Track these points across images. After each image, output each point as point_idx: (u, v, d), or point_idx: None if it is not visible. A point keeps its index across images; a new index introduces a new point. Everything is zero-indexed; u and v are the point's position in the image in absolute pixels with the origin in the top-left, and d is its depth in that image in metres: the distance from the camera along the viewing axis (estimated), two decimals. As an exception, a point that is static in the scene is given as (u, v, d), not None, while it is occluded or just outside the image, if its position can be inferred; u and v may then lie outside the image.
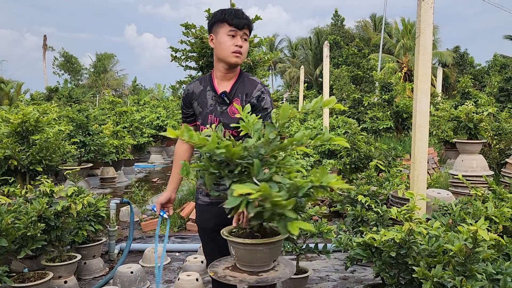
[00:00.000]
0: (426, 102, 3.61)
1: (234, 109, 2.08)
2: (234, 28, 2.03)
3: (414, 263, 2.22)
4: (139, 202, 5.71)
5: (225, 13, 2.06)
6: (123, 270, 3.39)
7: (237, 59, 2.04)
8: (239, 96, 2.11)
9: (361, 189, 3.78)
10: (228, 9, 2.09)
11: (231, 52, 2.03)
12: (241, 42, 2.05)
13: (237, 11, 2.07)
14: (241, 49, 2.04)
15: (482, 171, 4.54)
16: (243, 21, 2.03)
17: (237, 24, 2.03)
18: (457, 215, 2.83)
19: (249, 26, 2.07)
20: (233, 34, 2.04)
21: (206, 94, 2.15)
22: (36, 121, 3.88)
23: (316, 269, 3.72)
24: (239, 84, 2.13)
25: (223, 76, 2.13)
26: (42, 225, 2.98)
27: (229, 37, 2.04)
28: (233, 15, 2.04)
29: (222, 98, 2.09)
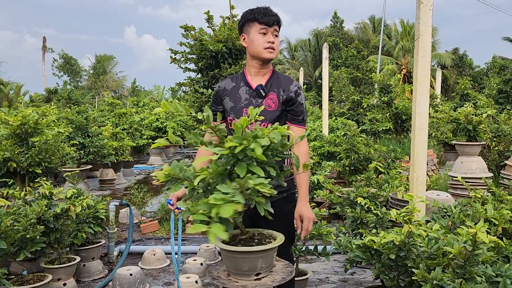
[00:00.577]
0: (425, 104, 3.61)
1: (269, 102, 2.15)
2: (264, 26, 2.11)
3: (413, 266, 2.22)
4: (138, 204, 5.70)
5: (255, 12, 2.14)
6: (122, 272, 3.38)
7: (271, 54, 2.13)
8: (274, 90, 2.18)
9: (361, 191, 3.78)
10: (257, 8, 2.16)
11: (264, 48, 2.11)
12: (273, 38, 2.13)
13: (266, 9, 2.14)
14: (273, 45, 2.12)
15: (481, 173, 4.54)
16: (273, 18, 2.12)
17: (267, 21, 2.11)
18: (456, 217, 2.83)
19: (278, 22, 2.15)
20: (264, 31, 2.11)
21: (239, 89, 2.21)
22: (35, 123, 3.88)
23: (316, 271, 3.71)
24: (274, 79, 2.21)
25: (257, 72, 2.20)
26: (41, 227, 2.97)
27: (260, 35, 2.12)
28: (262, 13, 2.12)
29: (258, 91, 2.16)
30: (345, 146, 5.26)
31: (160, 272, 3.82)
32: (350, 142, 5.18)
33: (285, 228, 2.20)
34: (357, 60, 11.26)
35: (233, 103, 2.18)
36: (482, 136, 4.67)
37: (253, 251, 1.47)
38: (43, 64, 35.16)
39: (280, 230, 1.77)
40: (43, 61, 35.31)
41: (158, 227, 5.03)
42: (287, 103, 2.16)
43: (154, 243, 4.59)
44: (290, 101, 2.17)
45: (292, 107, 2.18)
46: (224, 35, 5.31)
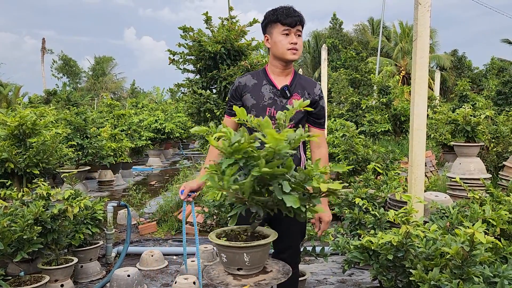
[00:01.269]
0: (423, 105, 3.61)
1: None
2: (287, 27, 2.10)
3: (411, 266, 2.22)
4: (136, 205, 5.70)
5: (278, 14, 2.13)
6: (120, 274, 3.37)
7: (294, 55, 2.12)
8: (298, 92, 2.18)
9: (359, 192, 3.78)
10: (280, 8, 2.14)
11: (287, 49, 2.10)
12: (296, 39, 2.11)
13: (288, 10, 2.12)
14: (296, 46, 2.11)
15: (479, 174, 4.54)
16: (295, 19, 2.10)
17: (290, 22, 2.10)
18: (454, 218, 2.82)
19: (301, 22, 2.13)
20: (287, 32, 2.11)
21: (262, 87, 2.19)
22: (33, 124, 3.87)
23: (314, 272, 3.71)
24: (297, 80, 2.21)
25: (280, 72, 2.20)
26: (39, 228, 2.96)
27: (283, 36, 2.12)
28: (285, 14, 2.11)
29: (284, 91, 2.15)
30: (343, 147, 5.26)
31: (158, 273, 3.81)
32: (348, 143, 5.18)
33: (297, 226, 2.26)
34: (356, 61, 11.28)
35: (255, 101, 2.16)
36: (480, 137, 4.68)
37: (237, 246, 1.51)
38: (42, 65, 35.17)
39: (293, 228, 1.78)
40: (42, 62, 35.33)
41: (156, 228, 5.02)
42: (311, 105, 2.16)
43: (152, 244, 4.58)
44: (314, 104, 2.18)
45: (315, 110, 2.19)
46: (223, 36, 5.31)
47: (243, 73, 5.47)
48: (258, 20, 5.58)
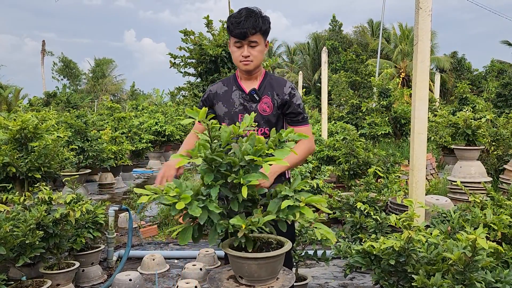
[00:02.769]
0: (424, 109, 3.62)
1: (264, 106, 2.11)
2: (237, 39, 2.02)
3: (413, 271, 2.23)
4: (137, 208, 5.70)
5: (229, 23, 2.04)
6: (122, 278, 3.37)
7: (246, 66, 2.05)
8: (268, 94, 2.13)
9: (360, 195, 3.79)
10: (232, 17, 2.04)
11: (239, 61, 2.05)
12: (247, 51, 2.02)
13: (238, 20, 1.99)
14: (248, 58, 2.02)
15: (480, 178, 4.55)
16: (244, 31, 1.97)
17: (238, 35, 2.00)
18: (456, 222, 2.83)
19: (255, 31, 2.00)
20: (238, 45, 2.03)
21: (232, 94, 2.15)
22: (34, 127, 3.88)
23: (315, 276, 3.71)
24: (267, 82, 2.15)
25: (247, 78, 2.15)
26: (41, 232, 2.96)
27: (235, 48, 2.05)
28: (234, 25, 2.00)
29: (252, 96, 2.11)
30: (344, 151, 5.27)
31: (159, 277, 3.81)
32: (349, 146, 5.19)
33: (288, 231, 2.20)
34: (356, 64, 11.30)
35: (226, 108, 2.13)
36: (481, 140, 4.69)
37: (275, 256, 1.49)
38: (42, 67, 35.23)
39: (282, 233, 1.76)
40: (42, 64, 35.38)
41: (158, 232, 5.02)
42: (283, 107, 2.12)
43: (154, 248, 4.58)
44: (285, 104, 2.12)
45: (289, 109, 2.13)
46: (224, 39, 5.32)
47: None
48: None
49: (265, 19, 2.06)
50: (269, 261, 1.47)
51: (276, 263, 1.50)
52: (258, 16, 2.01)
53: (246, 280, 1.53)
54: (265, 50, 2.15)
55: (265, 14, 2.10)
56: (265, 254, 1.47)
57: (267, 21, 2.07)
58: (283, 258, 1.53)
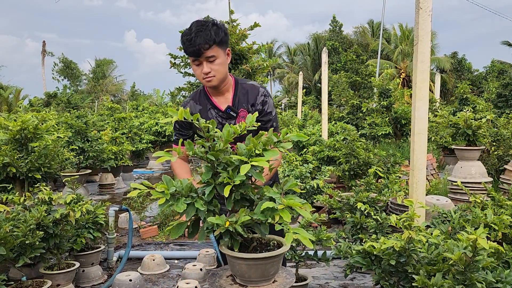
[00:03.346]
0: (424, 109, 3.62)
1: (242, 120, 2.02)
2: (194, 58, 1.93)
3: (413, 272, 2.22)
4: (137, 208, 5.70)
5: (182, 41, 1.93)
6: (122, 278, 3.37)
7: (211, 83, 1.96)
8: (243, 106, 2.05)
9: (360, 196, 3.78)
10: (183, 35, 1.91)
11: (202, 79, 1.96)
12: (207, 68, 1.91)
13: (189, 38, 1.87)
14: (210, 74, 1.93)
15: (481, 178, 4.55)
16: (196, 49, 1.87)
17: (193, 53, 1.91)
18: (456, 223, 2.83)
19: (209, 45, 1.87)
20: (196, 63, 1.95)
21: (208, 113, 2.08)
22: (35, 128, 3.88)
23: (316, 276, 3.70)
24: (239, 94, 2.07)
25: (217, 93, 2.07)
26: (41, 233, 2.96)
27: (195, 66, 1.96)
28: (187, 44, 1.89)
29: (228, 113, 2.04)
30: (344, 151, 5.27)
31: (160, 277, 3.81)
32: (349, 146, 5.19)
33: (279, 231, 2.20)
34: (356, 64, 11.30)
35: None
36: (481, 140, 4.68)
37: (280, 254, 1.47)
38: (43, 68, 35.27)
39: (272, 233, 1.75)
40: (42, 65, 35.43)
41: (158, 232, 5.02)
42: (258, 116, 2.02)
43: (154, 248, 4.58)
44: (260, 113, 2.04)
45: (259, 117, 2.03)
46: (224, 40, 5.33)
47: (244, 76, 5.48)
48: (259, 24, 5.60)
49: (219, 28, 1.93)
50: (258, 263, 1.45)
51: (267, 266, 1.46)
52: (209, 29, 1.89)
53: (240, 280, 1.53)
54: (228, 60, 2.04)
55: (219, 22, 1.98)
56: (252, 255, 1.45)
57: (221, 30, 1.94)
58: (276, 261, 1.49)
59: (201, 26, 1.89)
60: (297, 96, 12.35)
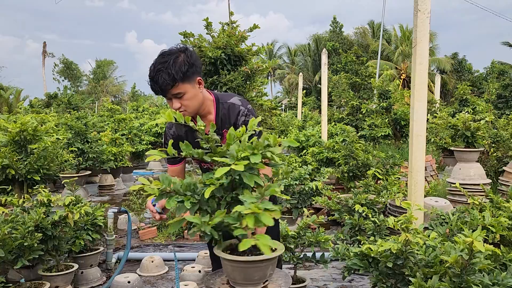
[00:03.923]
0: (423, 111, 3.63)
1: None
2: (161, 95, 1.88)
3: (410, 274, 2.23)
4: (137, 210, 5.70)
5: (148, 78, 1.85)
6: (120, 280, 3.38)
7: (184, 116, 1.79)
8: (226, 127, 1.98)
9: (359, 197, 3.79)
10: (149, 70, 1.83)
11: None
12: (176, 104, 1.83)
13: (151, 76, 1.81)
14: (180, 109, 1.84)
15: (479, 179, 4.55)
16: (158, 89, 1.81)
17: (157, 93, 1.85)
18: (454, 225, 2.83)
19: (172, 85, 1.78)
20: (166, 98, 1.88)
21: (194, 135, 1.98)
22: (34, 130, 3.88)
23: (314, 278, 3.71)
24: (222, 114, 2.01)
25: (200, 116, 1.98)
26: (39, 235, 2.97)
27: (167, 100, 1.89)
28: (151, 83, 1.83)
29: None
30: (343, 152, 5.27)
31: (159, 279, 3.81)
32: (348, 148, 5.19)
33: (275, 233, 2.18)
34: (356, 65, 11.30)
35: None
36: (480, 142, 4.68)
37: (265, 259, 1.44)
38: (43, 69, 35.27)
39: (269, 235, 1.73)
40: (43, 66, 35.42)
41: (157, 234, 5.02)
42: None
43: (153, 250, 4.58)
44: None
45: None
46: (223, 41, 5.33)
47: (244, 78, 5.49)
48: (258, 26, 5.60)
49: (182, 62, 1.80)
50: (240, 265, 1.44)
51: (250, 270, 1.44)
52: (170, 66, 1.77)
53: (230, 280, 1.53)
54: (200, 89, 1.93)
55: (186, 49, 1.85)
56: (233, 257, 1.44)
57: (184, 63, 1.80)
58: (262, 267, 1.46)
59: (162, 63, 1.78)
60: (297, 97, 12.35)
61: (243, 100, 2.07)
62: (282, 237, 3.05)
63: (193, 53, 1.89)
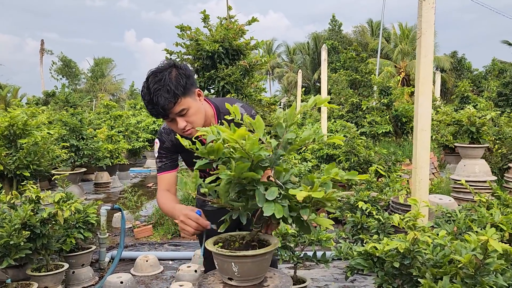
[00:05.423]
0: (427, 105, 3.50)
1: None
2: (162, 117, 1.70)
3: (419, 275, 2.09)
4: (132, 208, 5.56)
5: (144, 103, 1.68)
6: (113, 280, 3.24)
7: (191, 134, 1.70)
8: None
9: (361, 195, 3.66)
10: (143, 93, 1.67)
11: (181, 133, 1.72)
12: (182, 123, 1.67)
13: (149, 100, 1.63)
14: (186, 127, 1.69)
15: (485, 176, 4.41)
16: (160, 111, 1.63)
17: (158, 116, 1.68)
18: (462, 223, 2.70)
19: (174, 104, 1.62)
20: (168, 120, 1.71)
21: None
22: (24, 124, 3.74)
23: (315, 278, 3.57)
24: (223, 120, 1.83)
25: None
26: (27, 233, 2.83)
27: (168, 122, 1.73)
28: (149, 107, 1.66)
29: None
30: (344, 149, 5.13)
31: (153, 279, 3.67)
32: (350, 144, 5.05)
33: None
34: (356, 62, 11.16)
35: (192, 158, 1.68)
36: (485, 138, 4.54)
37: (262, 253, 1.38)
38: (41, 67, 35.09)
39: None
40: (40, 63, 35.24)
41: (152, 232, 4.88)
42: None
43: (148, 249, 4.44)
44: None
45: None
46: (221, 35, 5.18)
47: (242, 73, 5.34)
48: (257, 19, 5.46)
49: (178, 76, 1.64)
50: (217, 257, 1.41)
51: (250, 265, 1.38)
52: (167, 83, 1.61)
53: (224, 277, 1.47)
54: (201, 100, 1.78)
55: (177, 64, 1.70)
56: (215, 248, 1.40)
57: (181, 76, 1.65)
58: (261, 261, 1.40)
59: (158, 82, 1.62)
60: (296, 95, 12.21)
61: (246, 106, 1.91)
62: (282, 235, 2.92)
63: (183, 65, 1.74)
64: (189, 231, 1.57)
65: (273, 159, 1.38)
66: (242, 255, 1.36)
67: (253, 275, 1.42)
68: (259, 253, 1.37)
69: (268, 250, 1.39)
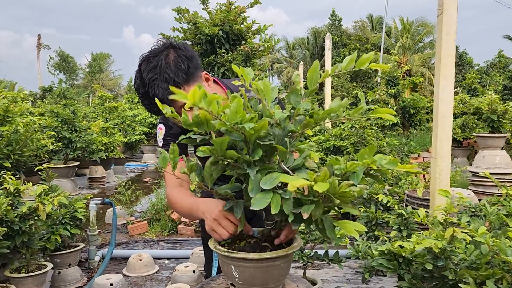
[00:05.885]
0: (450, 89, 3.18)
1: None
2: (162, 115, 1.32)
3: (455, 278, 1.78)
4: (126, 203, 5.24)
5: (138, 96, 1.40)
6: (102, 282, 2.92)
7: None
8: None
9: (376, 187, 3.34)
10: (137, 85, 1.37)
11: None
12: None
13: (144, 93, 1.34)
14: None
15: (506, 168, 4.09)
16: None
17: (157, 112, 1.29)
18: (495, 218, 2.38)
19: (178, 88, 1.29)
20: None
21: None
22: (5, 110, 3.40)
23: (325, 279, 3.25)
24: None
25: None
26: (4, 229, 2.50)
27: None
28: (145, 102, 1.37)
29: None
30: (353, 139, 4.80)
31: (147, 280, 3.35)
32: (359, 134, 4.72)
33: None
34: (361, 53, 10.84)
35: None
36: (506, 127, 4.21)
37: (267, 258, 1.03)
38: (38, 62, 34.65)
39: None
40: (37, 59, 34.80)
41: (147, 229, 4.56)
42: None
43: (142, 247, 4.12)
44: None
45: None
46: (221, 18, 4.84)
47: (243, 59, 5.01)
48: (259, 1, 5.12)
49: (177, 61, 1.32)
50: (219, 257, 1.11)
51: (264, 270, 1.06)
52: (164, 70, 1.30)
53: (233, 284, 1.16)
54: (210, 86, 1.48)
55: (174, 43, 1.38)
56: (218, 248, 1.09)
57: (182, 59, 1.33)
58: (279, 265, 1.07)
59: (153, 69, 1.30)
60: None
61: None
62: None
63: (183, 44, 1.40)
64: (224, 235, 1.15)
65: (281, 135, 1.03)
66: (240, 257, 1.02)
67: (257, 284, 1.07)
68: (262, 258, 1.01)
69: (276, 255, 1.03)
